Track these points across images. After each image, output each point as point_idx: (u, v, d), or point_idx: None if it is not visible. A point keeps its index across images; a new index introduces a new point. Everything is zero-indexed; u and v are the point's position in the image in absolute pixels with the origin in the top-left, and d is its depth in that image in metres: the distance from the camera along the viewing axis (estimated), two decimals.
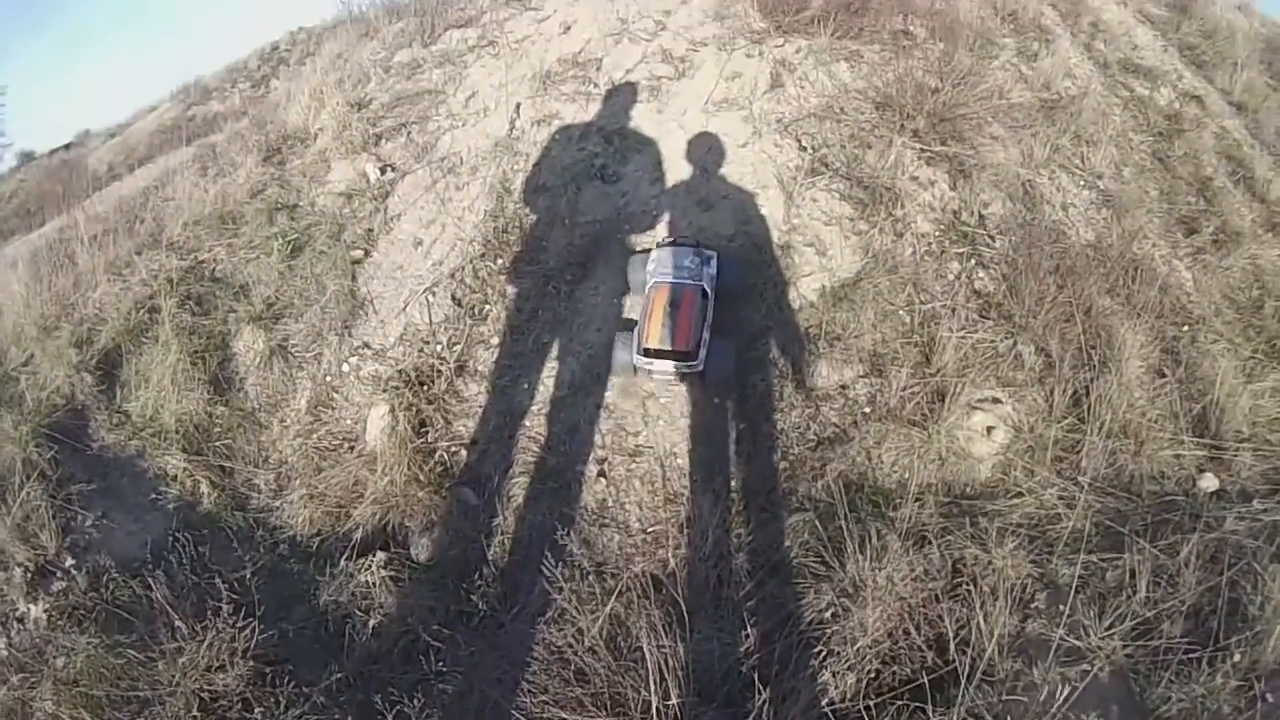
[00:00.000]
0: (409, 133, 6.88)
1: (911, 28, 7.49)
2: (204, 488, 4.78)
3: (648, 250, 5.23)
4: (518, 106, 6.78)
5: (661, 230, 5.60)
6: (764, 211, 5.60)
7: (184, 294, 5.51)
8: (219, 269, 5.85)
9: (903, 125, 6.01)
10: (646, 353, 4.62)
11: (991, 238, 5.53)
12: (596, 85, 6.85)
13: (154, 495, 4.70)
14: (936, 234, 5.50)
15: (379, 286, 5.63)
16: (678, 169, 6.01)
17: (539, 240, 5.68)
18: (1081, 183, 6.41)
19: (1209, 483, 4.62)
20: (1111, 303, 5.31)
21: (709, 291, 4.81)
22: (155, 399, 4.99)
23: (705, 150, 6.06)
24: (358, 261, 5.78)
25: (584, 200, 5.89)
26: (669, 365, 4.62)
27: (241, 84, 18.07)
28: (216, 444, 4.97)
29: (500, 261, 5.57)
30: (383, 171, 6.44)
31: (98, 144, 21.73)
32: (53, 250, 6.45)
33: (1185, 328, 5.50)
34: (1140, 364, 4.92)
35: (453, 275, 5.52)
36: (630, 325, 4.92)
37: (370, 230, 5.99)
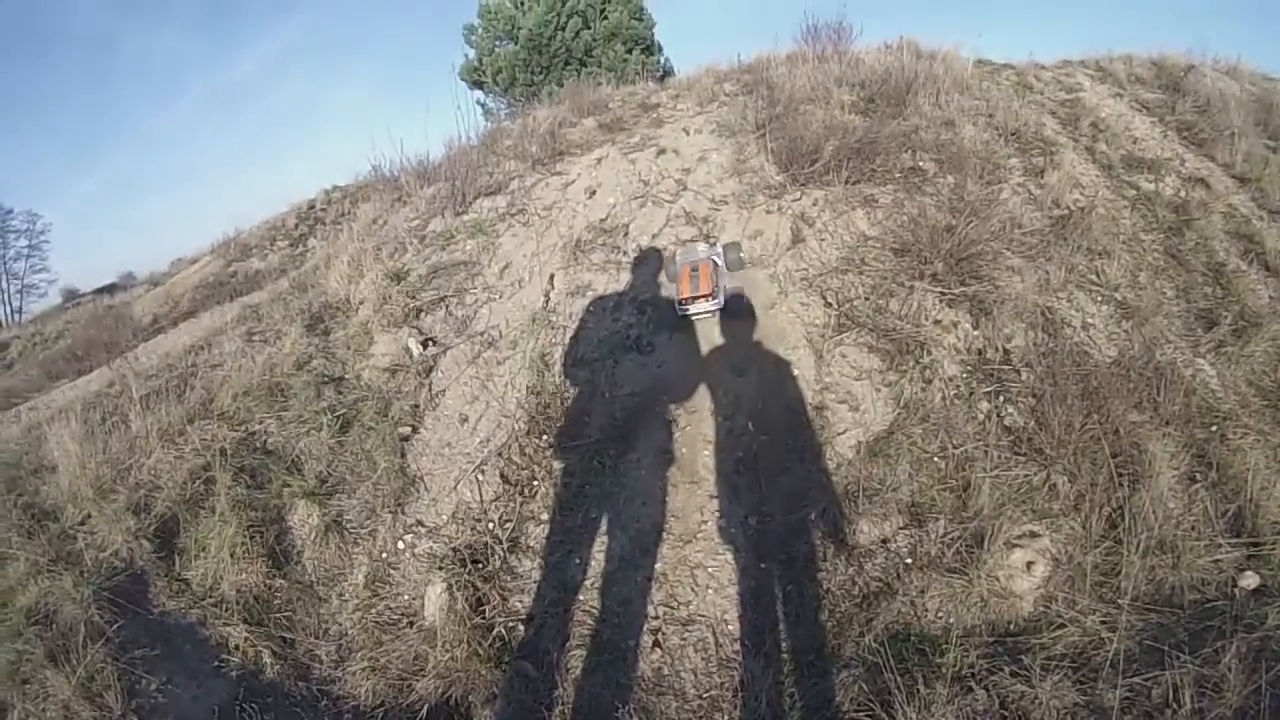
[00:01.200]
0: (448, 306, 7.07)
1: (921, 163, 7.73)
2: (266, 657, 4.80)
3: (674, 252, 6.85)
4: (551, 278, 6.99)
5: (701, 394, 5.76)
6: (796, 373, 5.75)
7: (238, 466, 5.54)
8: (270, 441, 5.91)
9: (921, 271, 6.21)
10: (682, 302, 6.23)
11: (1017, 371, 5.62)
12: (625, 253, 7.07)
13: (216, 663, 4.74)
14: (964, 375, 5.63)
15: (428, 464, 5.72)
16: (710, 334, 6.20)
17: (581, 414, 5.81)
18: (1099, 298, 6.52)
19: (1249, 580, 4.62)
20: (1139, 416, 5.38)
21: (718, 261, 6.41)
22: (214, 569, 5.03)
23: (735, 314, 6.26)
24: (406, 438, 5.87)
25: (622, 372, 6.08)
26: (702, 305, 6.21)
27: (280, 242, 18.59)
28: (277, 615, 5.03)
29: (545, 437, 5.68)
30: (425, 346, 6.62)
31: (141, 292, 22.28)
32: (104, 408, 6.59)
33: (1214, 427, 5.53)
34: (1172, 474, 4.98)
35: (500, 453, 5.63)
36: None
37: (416, 406, 6.10)
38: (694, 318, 6.39)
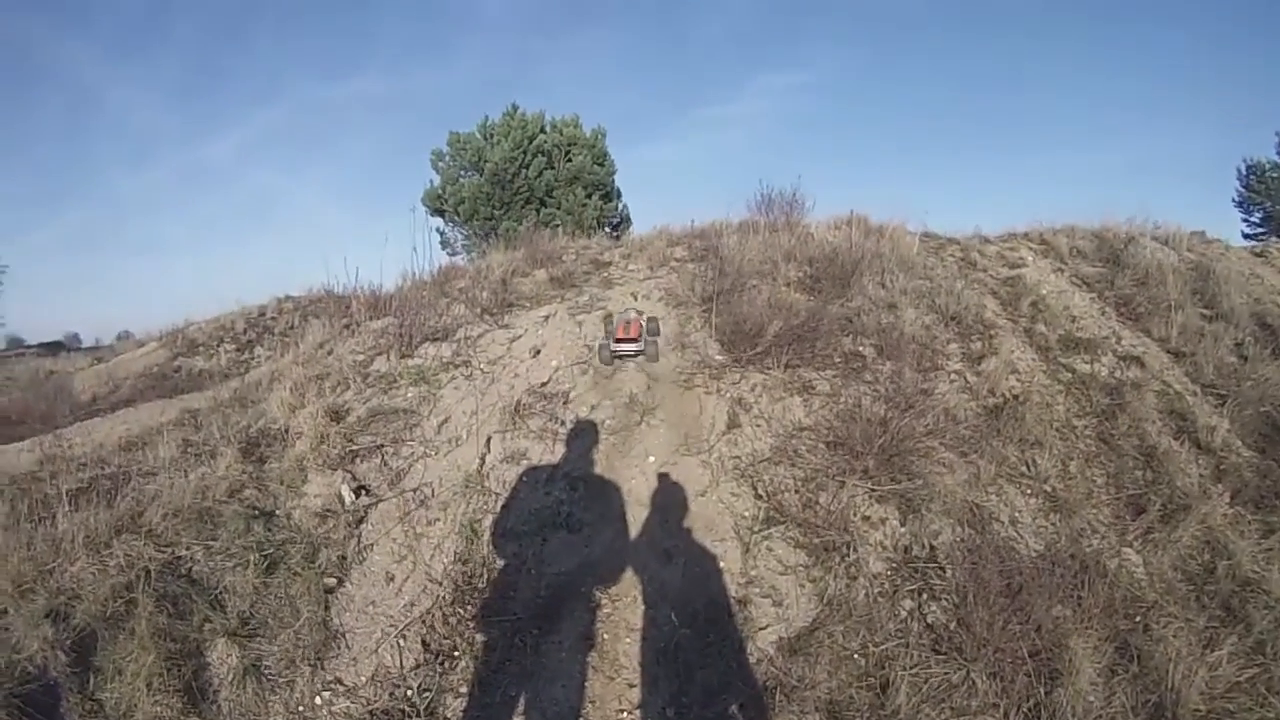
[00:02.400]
0: (384, 455, 7.02)
1: (861, 348, 7.90)
2: None
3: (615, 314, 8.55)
4: (488, 441, 6.97)
5: (627, 580, 5.70)
6: (722, 565, 5.71)
7: (161, 591, 5.29)
8: (196, 570, 5.67)
9: (853, 466, 6.27)
10: (616, 342, 7.87)
11: (942, 568, 5.60)
12: (563, 423, 7.07)
13: None
14: (889, 573, 5.61)
15: (351, 620, 5.51)
16: (640, 518, 6.15)
17: (507, 588, 5.68)
18: (1029, 491, 6.62)
19: None
20: (1062, 610, 5.36)
21: (643, 324, 8.09)
22: (129, 696, 4.72)
23: (666, 499, 6.23)
24: (331, 590, 5.65)
25: (550, 549, 5.95)
26: (628, 348, 7.84)
27: (227, 344, 18.55)
28: None
29: (469, 608, 5.53)
30: (357, 494, 6.48)
31: (83, 364, 21.99)
32: (32, 496, 6.36)
33: (1137, 618, 5.57)
34: (1093, 668, 4.95)
35: (423, 619, 5.46)
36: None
37: (344, 557, 5.93)
38: (621, 357, 7.89)
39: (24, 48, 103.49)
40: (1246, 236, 35.55)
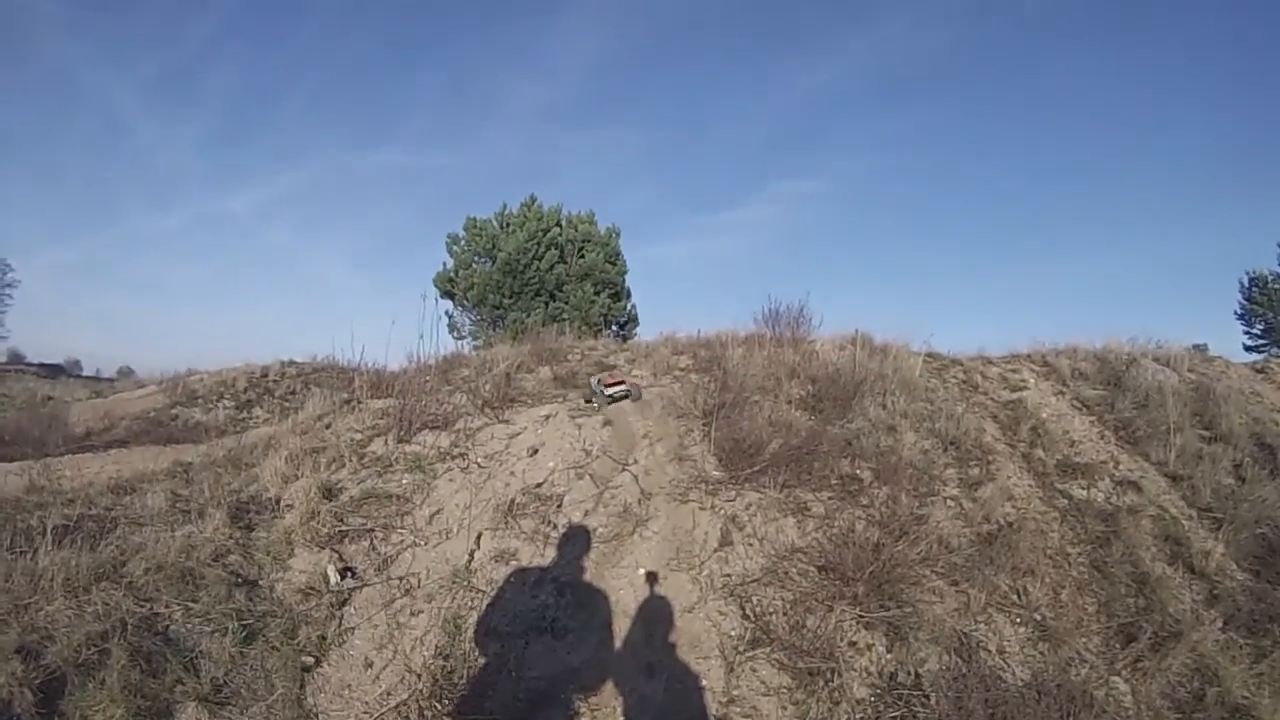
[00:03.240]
0: (373, 539, 6.99)
1: (859, 471, 7.91)
2: None
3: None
4: (479, 537, 6.94)
5: (608, 691, 5.61)
6: (704, 683, 5.62)
7: (136, 646, 5.21)
8: (173, 629, 5.62)
9: (843, 591, 6.24)
10: (606, 386, 9.33)
11: (927, 696, 5.54)
12: (555, 526, 7.03)
13: None
14: (872, 699, 5.49)
15: (326, 701, 5.41)
16: (625, 629, 6.08)
17: (486, 688, 5.51)
18: (1019, 619, 6.55)
19: None
20: None
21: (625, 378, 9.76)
22: None
23: (653, 613, 6.17)
24: (308, 669, 5.57)
25: (532, 653, 5.82)
26: (618, 389, 9.35)
27: (227, 401, 18.71)
28: None
29: (446, 703, 5.36)
30: (343, 575, 6.45)
31: (80, 395, 22.09)
32: (15, 525, 6.38)
33: None
34: None
35: (399, 709, 5.32)
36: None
37: (324, 638, 5.86)
38: (613, 400, 9.27)
39: (64, 74, 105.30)
40: (1247, 348, 35.91)
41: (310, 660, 5.70)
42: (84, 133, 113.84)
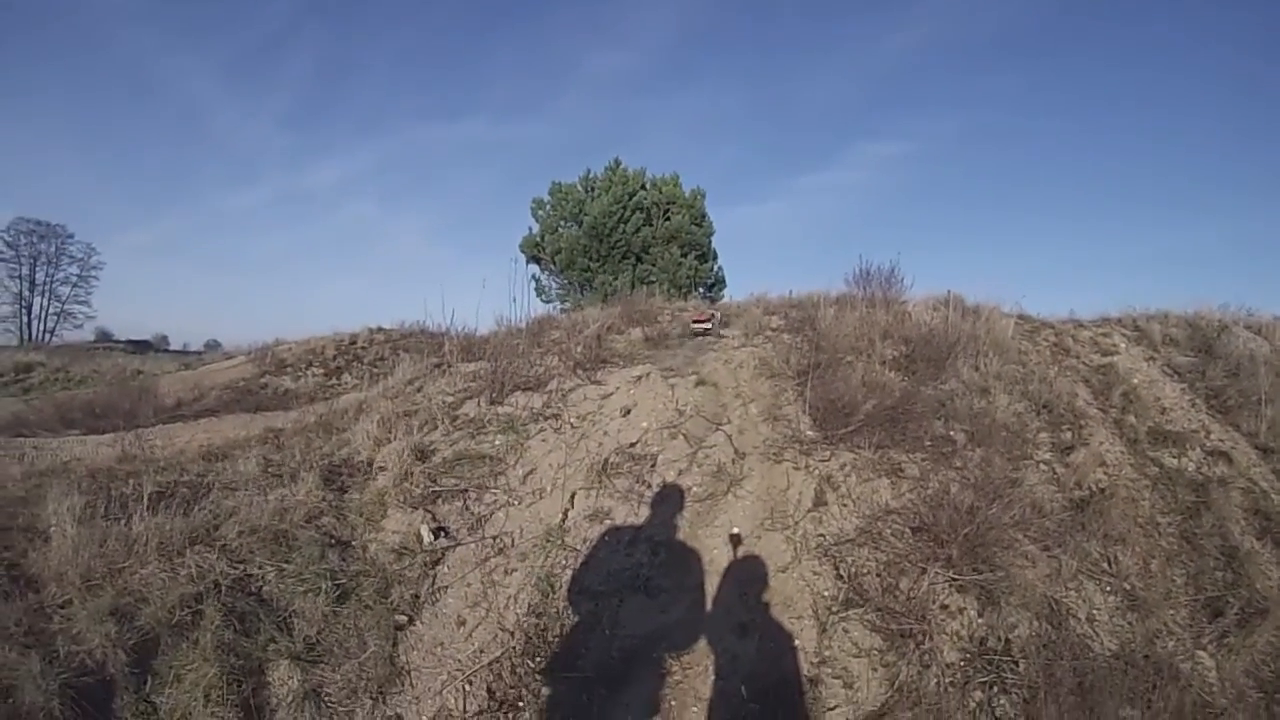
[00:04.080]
0: (466, 500, 7.08)
1: (952, 432, 7.87)
2: None
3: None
4: (573, 496, 7.01)
5: (700, 649, 5.69)
6: (797, 643, 5.67)
7: (229, 607, 5.38)
8: (266, 590, 5.78)
9: (936, 553, 6.22)
10: (695, 323, 10.92)
11: (1015, 662, 5.49)
12: (649, 485, 7.06)
13: None
14: (962, 663, 5.49)
15: (419, 658, 5.55)
16: (718, 589, 6.12)
17: (579, 646, 5.65)
18: (1108, 588, 6.51)
19: None
20: (1132, 711, 5.32)
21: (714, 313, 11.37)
22: (186, 704, 4.77)
23: (746, 572, 6.20)
24: (401, 627, 5.73)
25: (626, 612, 5.91)
26: (704, 326, 10.81)
27: (315, 368, 18.93)
28: None
29: (539, 660, 5.53)
30: (436, 535, 6.56)
31: (170, 368, 22.58)
32: (109, 493, 6.48)
33: None
34: None
35: (491, 666, 5.47)
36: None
37: (417, 596, 6.01)
38: (697, 334, 10.67)
39: (144, 57, 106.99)
40: None
41: (403, 619, 5.84)
42: (164, 117, 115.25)
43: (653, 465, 7.32)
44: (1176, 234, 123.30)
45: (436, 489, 7.14)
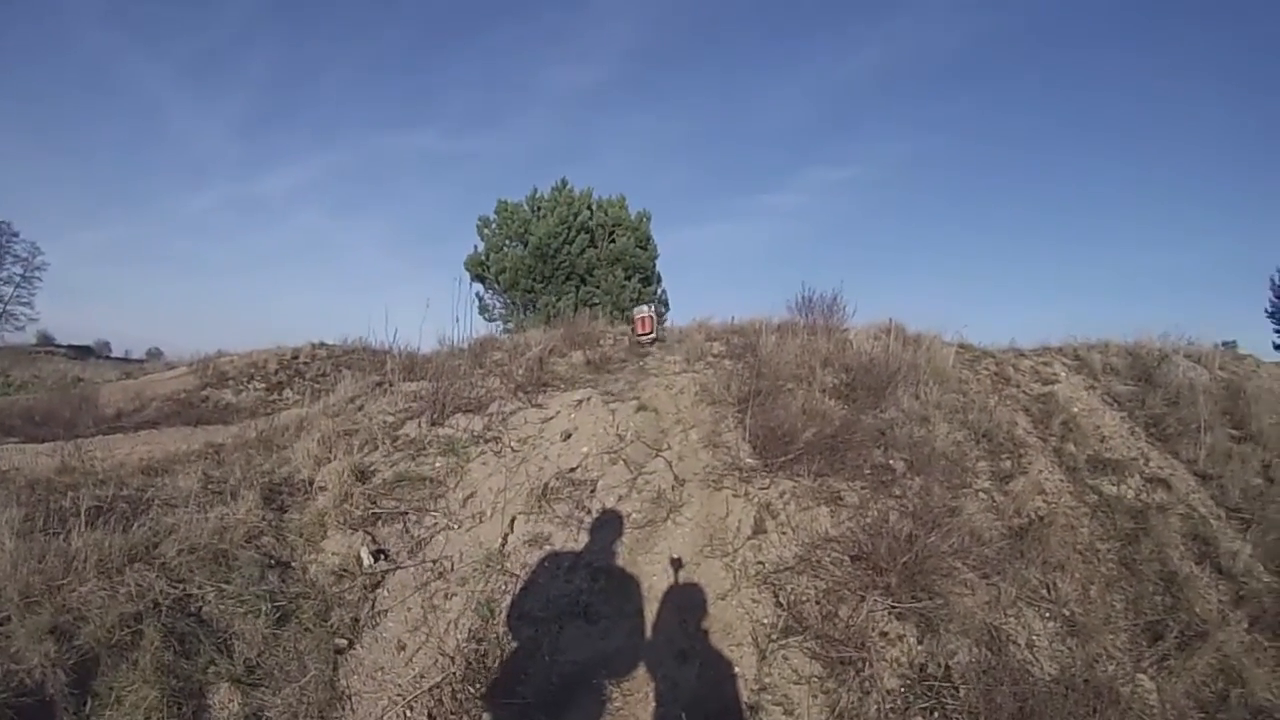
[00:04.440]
0: (406, 522, 7.02)
1: (892, 461, 7.90)
2: None
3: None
4: (513, 521, 6.96)
5: (640, 676, 5.65)
6: (737, 670, 5.64)
7: (169, 626, 5.27)
8: (206, 610, 5.66)
9: (876, 581, 6.23)
10: (639, 335, 11.44)
11: (956, 688, 5.55)
12: (589, 511, 7.03)
13: None
14: (902, 689, 5.50)
15: (359, 683, 5.49)
16: (658, 616, 6.09)
17: (519, 672, 5.62)
18: (1048, 614, 6.58)
19: None
20: None
21: (653, 315, 11.84)
22: None
23: (686, 599, 6.18)
24: (341, 651, 5.68)
25: (566, 638, 5.88)
26: (648, 338, 11.42)
27: (257, 382, 18.89)
28: None
29: (479, 687, 5.50)
30: (376, 558, 6.47)
31: (110, 377, 22.37)
32: (48, 506, 6.31)
33: None
34: None
35: (431, 691, 5.43)
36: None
37: (357, 620, 5.95)
38: (641, 344, 11.42)
39: (99, 57, 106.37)
40: (1276, 346, 35.85)
41: (343, 642, 5.77)
42: (117, 117, 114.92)
43: (593, 491, 7.28)
44: (1123, 261, 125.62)
45: (376, 511, 7.05)
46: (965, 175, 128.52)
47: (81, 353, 46.32)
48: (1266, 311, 38.50)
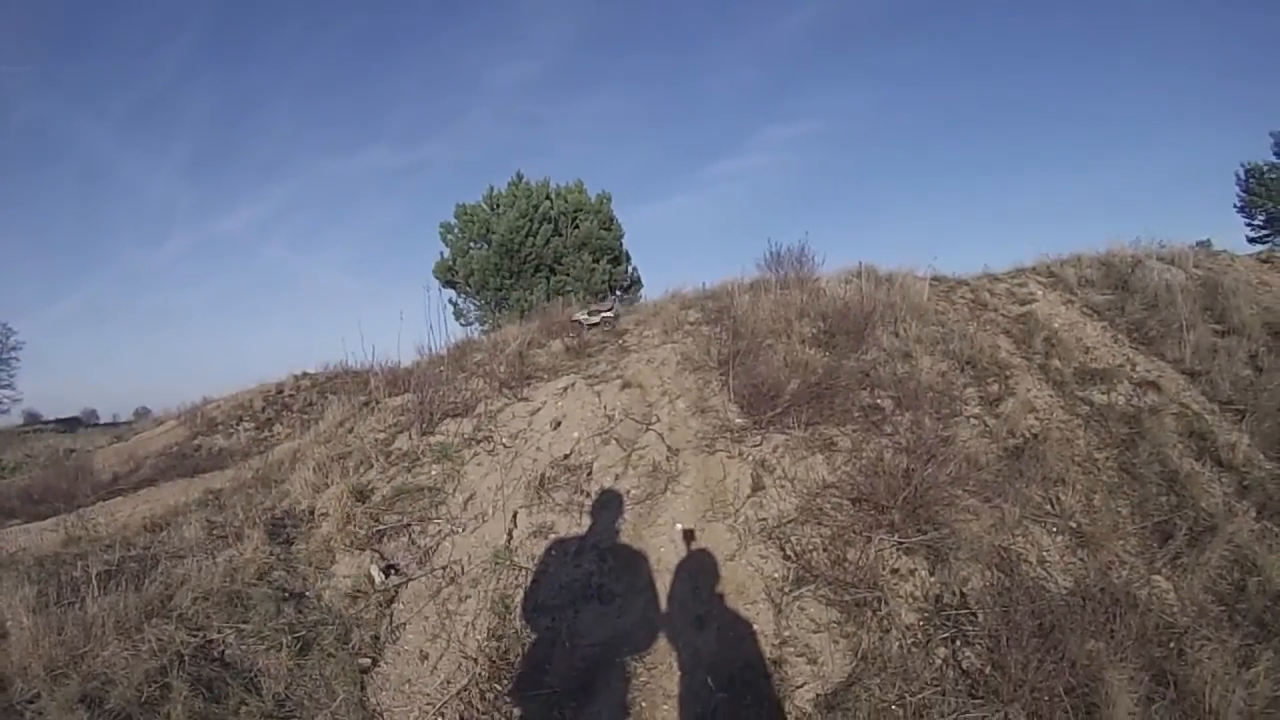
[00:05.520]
0: (410, 534, 7.05)
1: (879, 400, 7.99)
2: None
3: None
4: (514, 515, 7.01)
5: (661, 648, 5.70)
6: (755, 627, 5.71)
7: (195, 675, 5.31)
8: (229, 653, 5.70)
9: (879, 520, 6.30)
10: (593, 314, 11.44)
11: (974, 614, 5.57)
12: (588, 494, 7.08)
13: None
14: (921, 622, 5.58)
15: (388, 699, 5.52)
16: (671, 586, 6.13)
17: (541, 662, 5.64)
18: (1055, 529, 6.65)
19: None
20: (1096, 644, 5.37)
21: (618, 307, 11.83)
22: None
23: (695, 565, 6.22)
24: (366, 670, 5.69)
25: (582, 621, 5.92)
26: (606, 314, 11.52)
27: (246, 423, 18.77)
28: None
29: (505, 683, 5.52)
30: (386, 574, 6.52)
31: (102, 442, 22.27)
32: (60, 579, 6.41)
33: (1171, 644, 5.57)
34: (1130, 697, 4.95)
35: (460, 696, 5.45)
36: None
37: (377, 637, 5.96)
38: (595, 324, 11.29)
39: (38, 124, 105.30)
40: (1250, 240, 36.08)
41: (367, 661, 5.80)
42: (67, 183, 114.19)
43: (589, 474, 7.34)
44: (1085, 176, 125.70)
45: (380, 527, 7.08)
46: (926, 117, 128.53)
47: (70, 424, 45.90)
48: (1236, 207, 38.76)
